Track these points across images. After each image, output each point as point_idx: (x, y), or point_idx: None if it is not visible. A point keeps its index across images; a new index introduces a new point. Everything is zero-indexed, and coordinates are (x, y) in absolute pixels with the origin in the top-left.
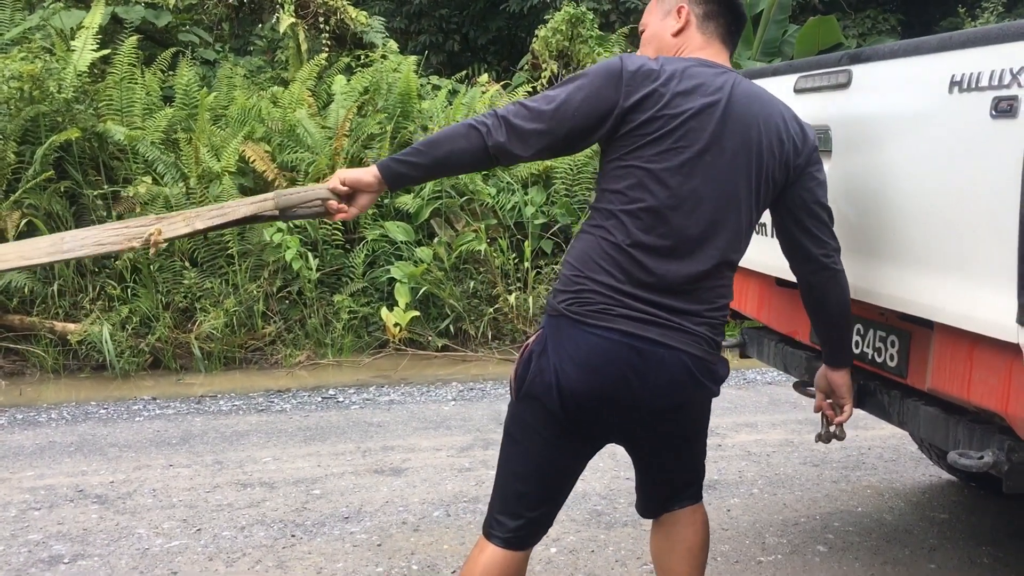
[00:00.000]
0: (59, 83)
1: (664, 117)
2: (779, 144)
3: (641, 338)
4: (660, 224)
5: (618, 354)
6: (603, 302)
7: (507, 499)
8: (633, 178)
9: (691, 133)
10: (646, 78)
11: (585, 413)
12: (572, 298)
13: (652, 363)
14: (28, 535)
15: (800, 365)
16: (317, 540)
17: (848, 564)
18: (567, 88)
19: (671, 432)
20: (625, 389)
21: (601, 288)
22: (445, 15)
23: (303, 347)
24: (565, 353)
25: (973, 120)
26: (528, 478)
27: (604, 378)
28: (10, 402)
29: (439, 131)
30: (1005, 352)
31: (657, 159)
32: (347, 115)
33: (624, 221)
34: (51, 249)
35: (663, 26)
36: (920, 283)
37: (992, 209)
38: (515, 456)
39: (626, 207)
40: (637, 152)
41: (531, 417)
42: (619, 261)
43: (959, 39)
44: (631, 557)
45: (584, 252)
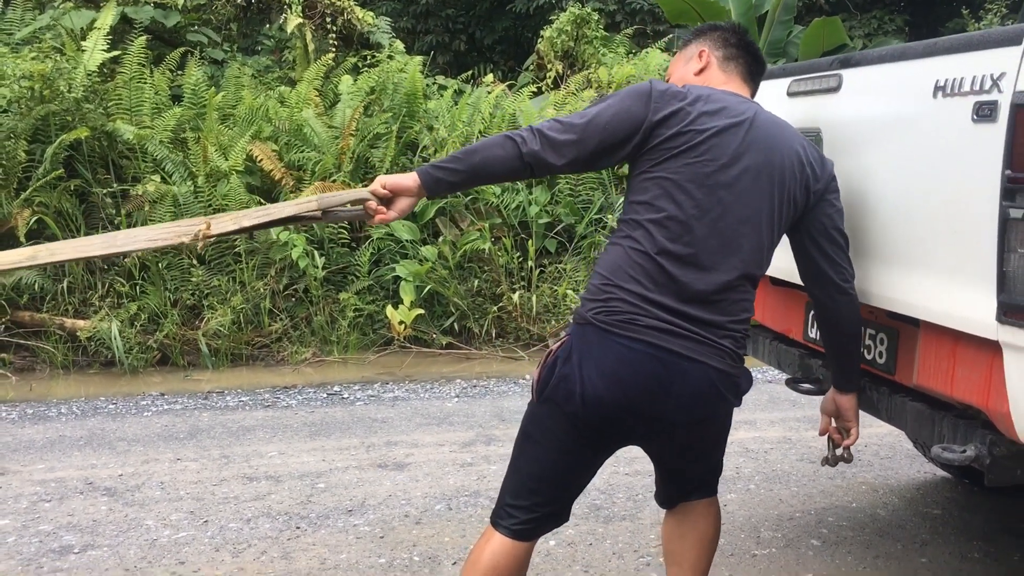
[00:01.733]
0: (69, 82)
1: (690, 132)
2: (800, 168)
3: (667, 350)
4: (685, 233)
5: (643, 365)
6: (631, 311)
7: (520, 493)
8: (659, 189)
9: (715, 148)
10: (673, 97)
11: (607, 422)
12: (600, 307)
13: (677, 376)
14: (39, 526)
15: (794, 363)
16: (321, 532)
17: (840, 557)
18: (599, 106)
19: (691, 443)
20: (648, 400)
21: (629, 297)
22: (451, 15)
23: (309, 344)
24: (591, 361)
25: (956, 124)
26: (543, 476)
27: (628, 388)
28: (21, 397)
29: (477, 142)
30: (986, 349)
31: (682, 170)
32: (353, 115)
33: (651, 230)
34: (104, 244)
35: (686, 69)
36: (906, 282)
37: (973, 210)
38: (532, 455)
39: (653, 216)
40: (663, 164)
41: (551, 420)
42: (647, 269)
43: (943, 45)
44: (628, 550)
45: (613, 262)
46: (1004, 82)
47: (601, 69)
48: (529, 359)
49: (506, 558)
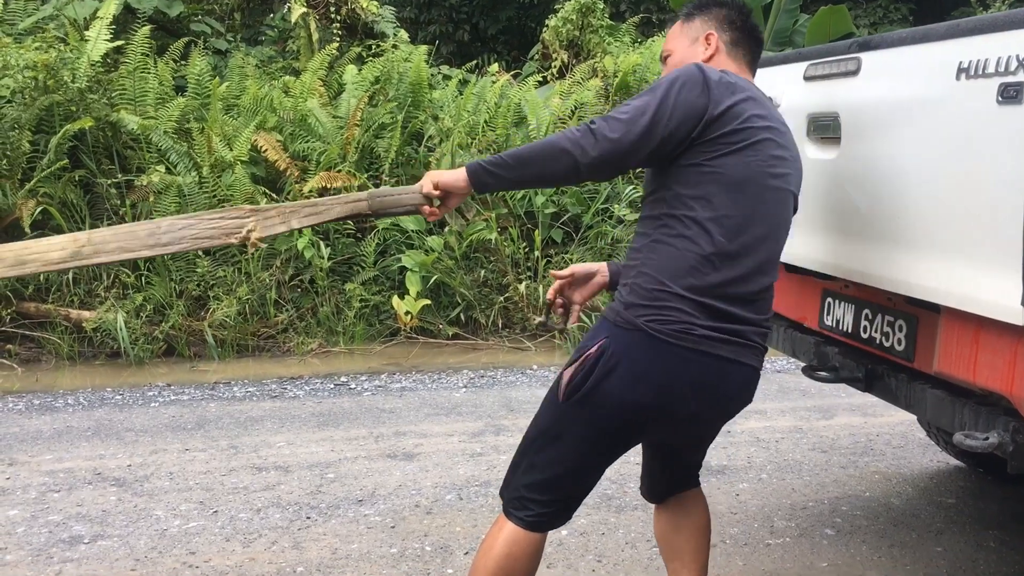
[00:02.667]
0: (73, 73)
1: (748, 129)
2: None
3: (716, 356)
4: (740, 233)
5: (694, 374)
6: (686, 320)
7: (541, 488)
8: (716, 185)
9: (767, 149)
10: (727, 89)
11: (645, 424)
12: (654, 314)
13: (721, 379)
14: (48, 516)
15: (809, 350)
16: (332, 522)
17: (855, 547)
18: (653, 102)
19: (705, 434)
20: (692, 404)
21: (684, 305)
22: (455, 5)
23: (315, 335)
24: (639, 369)
25: (980, 106)
26: (565, 474)
27: (675, 396)
28: (27, 388)
29: (531, 146)
30: (1010, 334)
31: (741, 168)
32: (358, 105)
33: (709, 228)
34: (150, 240)
35: (691, 53)
36: (926, 267)
37: (998, 194)
38: (555, 454)
39: (710, 214)
40: (721, 159)
41: (580, 421)
42: (703, 272)
43: (967, 26)
44: (641, 539)
45: (666, 263)
46: None
47: (607, 58)
48: (536, 349)
49: (521, 547)
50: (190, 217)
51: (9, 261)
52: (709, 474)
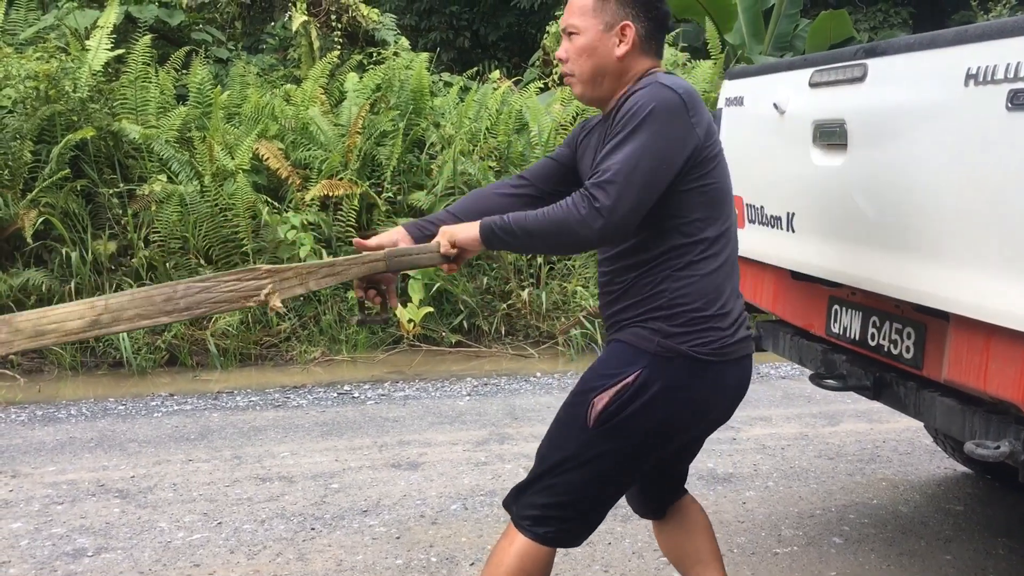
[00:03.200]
0: (74, 82)
1: (716, 141)
2: None
3: (743, 358)
4: (731, 240)
5: (732, 380)
6: (720, 337)
7: (556, 507)
8: (709, 202)
9: (719, 144)
10: (699, 105)
11: (674, 441)
12: (696, 338)
13: (745, 374)
14: (52, 528)
15: (816, 358)
16: (337, 533)
17: (864, 555)
18: (638, 148)
19: (703, 435)
20: (723, 408)
21: (717, 323)
22: (455, 12)
23: (318, 343)
24: (685, 393)
25: (989, 112)
26: (587, 496)
27: (712, 406)
28: (29, 399)
29: (539, 221)
30: (1021, 342)
31: (721, 179)
32: (360, 112)
33: (716, 247)
34: (167, 307)
35: (604, 42)
36: (935, 275)
37: (1008, 200)
38: (578, 477)
39: (715, 233)
40: (708, 177)
41: (611, 447)
42: (724, 288)
43: (975, 32)
44: (647, 549)
45: (697, 290)
46: None
47: None
48: (539, 356)
49: (534, 561)
50: (208, 279)
51: (27, 332)
52: (715, 482)
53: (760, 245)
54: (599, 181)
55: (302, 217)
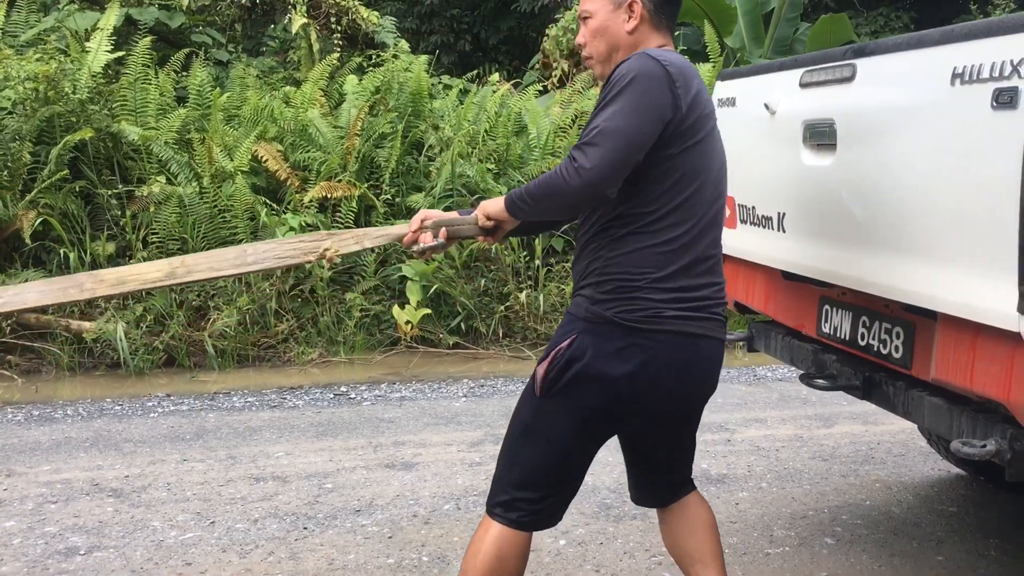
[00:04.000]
0: (74, 84)
1: (706, 115)
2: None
3: (686, 335)
4: (698, 217)
5: (666, 353)
6: (653, 308)
7: (527, 485)
8: (665, 171)
9: (707, 121)
10: (688, 80)
11: (627, 414)
12: (622, 305)
13: (693, 356)
14: (45, 527)
15: (807, 358)
16: (329, 532)
17: (855, 556)
18: (618, 112)
19: (687, 424)
20: (674, 388)
21: (650, 294)
22: (456, 15)
23: (315, 345)
24: (613, 357)
25: (974, 112)
26: (550, 469)
27: (647, 378)
28: (27, 399)
29: (536, 182)
30: (1007, 341)
31: (699, 159)
32: (359, 115)
33: (670, 216)
34: (236, 261)
35: (614, 20)
36: (923, 274)
37: (993, 199)
38: (538, 449)
39: (668, 203)
40: (684, 154)
41: (560, 414)
42: (665, 259)
43: (960, 31)
44: (639, 549)
45: (631, 260)
46: None
47: None
48: (536, 358)
49: (509, 548)
50: (273, 241)
51: (110, 281)
52: (708, 483)
53: (751, 245)
54: (579, 143)
55: (300, 219)
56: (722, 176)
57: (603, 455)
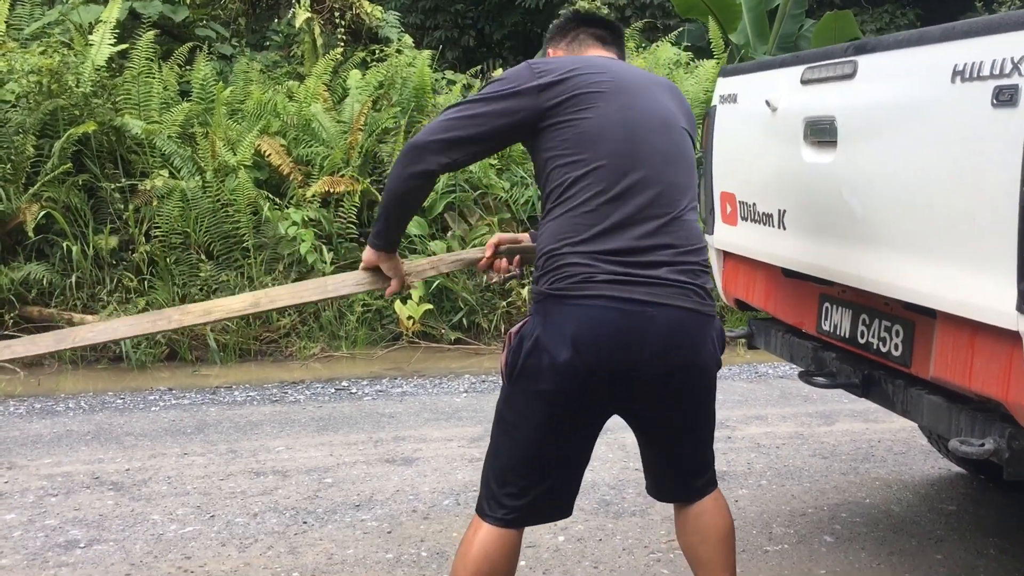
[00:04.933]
0: (77, 77)
1: (582, 95)
2: None
3: (629, 300)
4: (608, 179)
5: (610, 322)
6: (582, 272)
7: (506, 480)
8: (561, 140)
9: (586, 99)
10: (555, 65)
11: (582, 390)
12: (552, 276)
13: (646, 324)
14: (45, 520)
15: (807, 356)
16: (328, 527)
17: (854, 554)
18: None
19: (677, 405)
20: (618, 357)
21: (576, 259)
22: (461, 10)
23: (317, 340)
24: (553, 332)
25: (975, 109)
26: (526, 460)
27: (595, 349)
28: (29, 392)
29: None
30: (1005, 340)
31: (580, 121)
32: (362, 109)
33: (579, 182)
34: (318, 290)
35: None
36: (923, 272)
37: (993, 198)
38: (511, 439)
39: (575, 172)
40: (564, 123)
41: (524, 400)
42: (581, 223)
43: (962, 29)
44: (638, 545)
45: (553, 232)
46: None
47: None
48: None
49: (496, 547)
50: (350, 274)
51: (197, 313)
52: None
53: (752, 242)
54: None
55: (303, 213)
56: (646, 135)
57: (602, 451)
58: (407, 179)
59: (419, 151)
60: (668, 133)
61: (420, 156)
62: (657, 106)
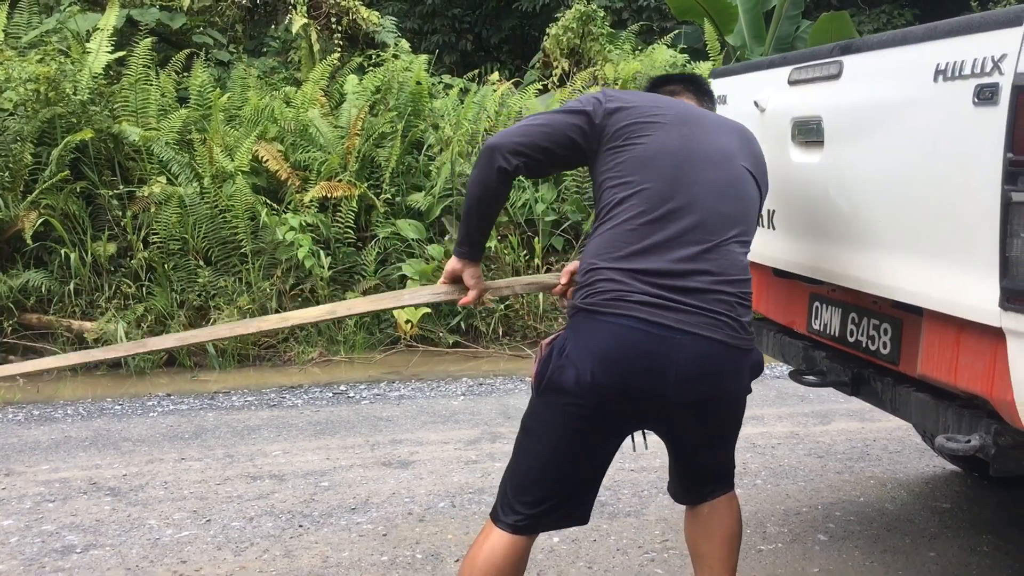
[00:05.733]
0: (74, 85)
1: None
2: None
3: (659, 324)
4: (651, 200)
5: (636, 342)
6: (616, 289)
7: (523, 488)
8: (615, 164)
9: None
10: (620, 95)
11: (605, 406)
12: (587, 291)
13: (672, 350)
14: (42, 526)
15: (798, 355)
16: (324, 530)
17: (848, 552)
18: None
19: (706, 427)
20: (644, 380)
21: (613, 275)
22: (458, 15)
23: (316, 344)
24: (582, 346)
25: (957, 108)
26: (545, 470)
27: (621, 369)
28: (28, 399)
29: None
30: (989, 337)
31: (633, 148)
32: (359, 114)
33: (623, 203)
34: (395, 299)
35: None
36: (909, 270)
37: (975, 195)
38: (532, 449)
39: (621, 193)
40: (619, 148)
41: (549, 412)
42: (626, 243)
43: (944, 28)
44: (632, 546)
45: (594, 247)
46: (1005, 64)
47: (607, 66)
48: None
49: (504, 553)
50: (424, 287)
51: (274, 321)
52: None
53: None
54: None
55: (301, 218)
56: (697, 165)
57: None
58: (484, 179)
59: (494, 151)
60: (723, 167)
61: (495, 156)
62: (717, 141)
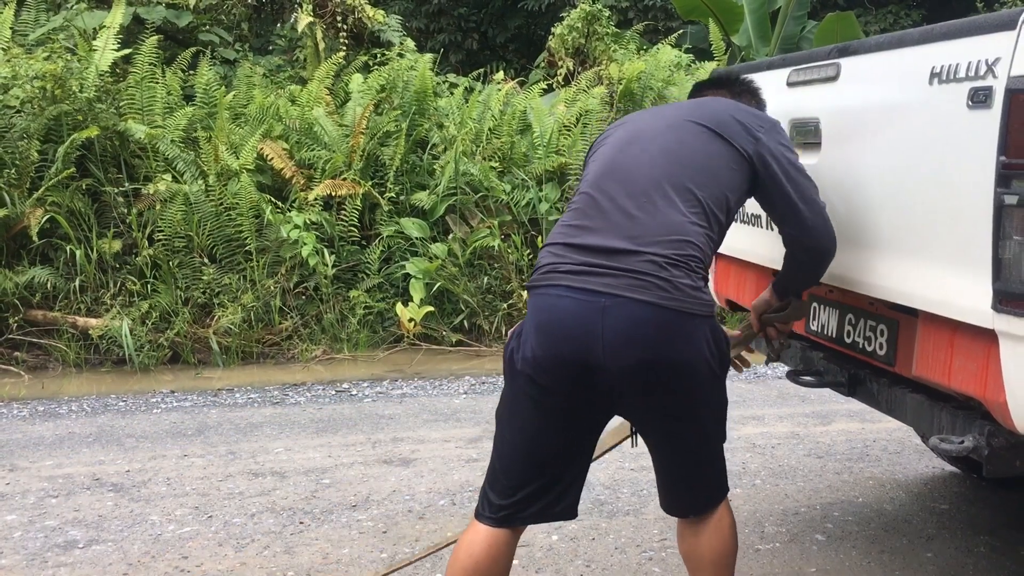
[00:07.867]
0: (81, 82)
1: (599, 143)
2: None
3: (582, 290)
4: (591, 194)
5: (560, 309)
6: (542, 264)
7: (496, 477)
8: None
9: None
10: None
11: (551, 379)
12: (533, 272)
13: (595, 314)
14: (45, 521)
15: (795, 355)
16: (324, 527)
17: (845, 552)
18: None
19: (660, 408)
20: (575, 346)
21: (553, 250)
22: (464, 14)
23: (319, 342)
24: (528, 323)
25: (951, 110)
26: (514, 455)
27: (554, 337)
28: (33, 395)
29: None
30: (983, 338)
31: (592, 160)
32: (364, 113)
33: (574, 199)
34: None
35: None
36: (904, 272)
37: (969, 197)
38: (501, 435)
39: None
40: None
41: (512, 396)
42: (566, 229)
43: (939, 31)
44: (630, 545)
45: (554, 233)
46: (999, 67)
47: (612, 65)
48: None
49: (483, 547)
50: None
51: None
52: None
53: (742, 243)
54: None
55: (305, 217)
56: (636, 142)
57: None
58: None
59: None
60: (667, 134)
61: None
62: (667, 111)
